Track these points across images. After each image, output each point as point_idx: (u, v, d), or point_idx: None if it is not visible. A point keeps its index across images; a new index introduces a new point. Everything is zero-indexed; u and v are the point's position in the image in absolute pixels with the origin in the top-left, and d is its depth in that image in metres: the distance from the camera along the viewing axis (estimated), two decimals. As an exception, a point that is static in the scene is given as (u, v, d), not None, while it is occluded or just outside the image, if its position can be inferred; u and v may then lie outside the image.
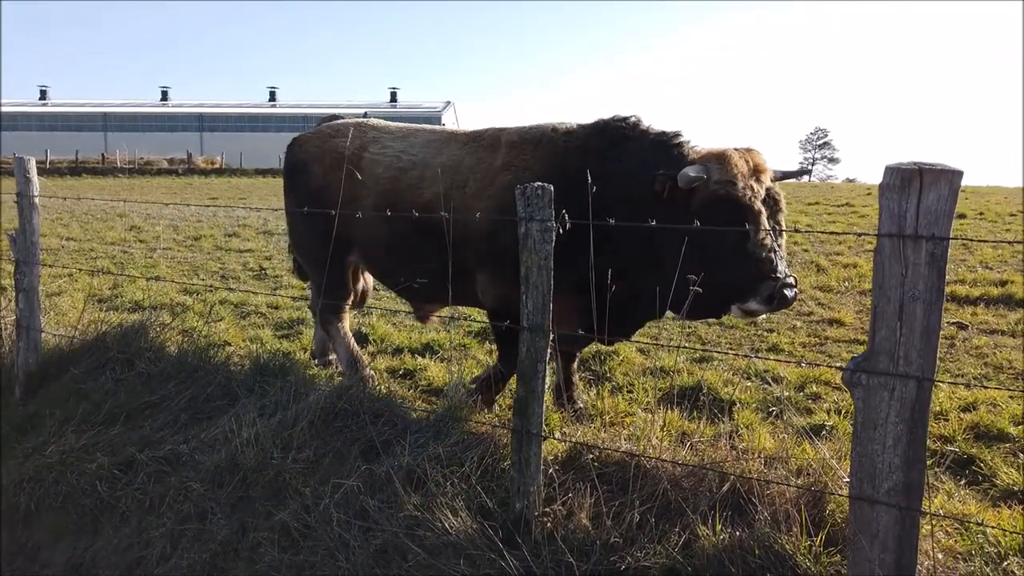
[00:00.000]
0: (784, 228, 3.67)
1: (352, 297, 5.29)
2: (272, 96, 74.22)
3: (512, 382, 3.75)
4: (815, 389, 4.89)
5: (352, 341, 5.22)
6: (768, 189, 3.63)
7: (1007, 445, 4.04)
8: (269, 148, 52.63)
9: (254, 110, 68.53)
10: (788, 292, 3.50)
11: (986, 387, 4.75)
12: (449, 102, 71.81)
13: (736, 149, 3.67)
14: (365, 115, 5.95)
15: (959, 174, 2.14)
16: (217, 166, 46.34)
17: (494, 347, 6.04)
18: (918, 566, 2.39)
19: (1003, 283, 7.91)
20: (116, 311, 6.61)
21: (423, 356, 5.79)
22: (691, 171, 3.55)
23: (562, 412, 4.18)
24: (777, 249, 3.55)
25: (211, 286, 8.33)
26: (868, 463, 2.31)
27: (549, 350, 2.95)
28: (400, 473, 3.27)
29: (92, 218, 16.06)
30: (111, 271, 9.35)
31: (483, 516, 2.98)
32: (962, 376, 5.22)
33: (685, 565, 2.60)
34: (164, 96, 75.06)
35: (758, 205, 3.55)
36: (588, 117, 4.25)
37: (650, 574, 2.61)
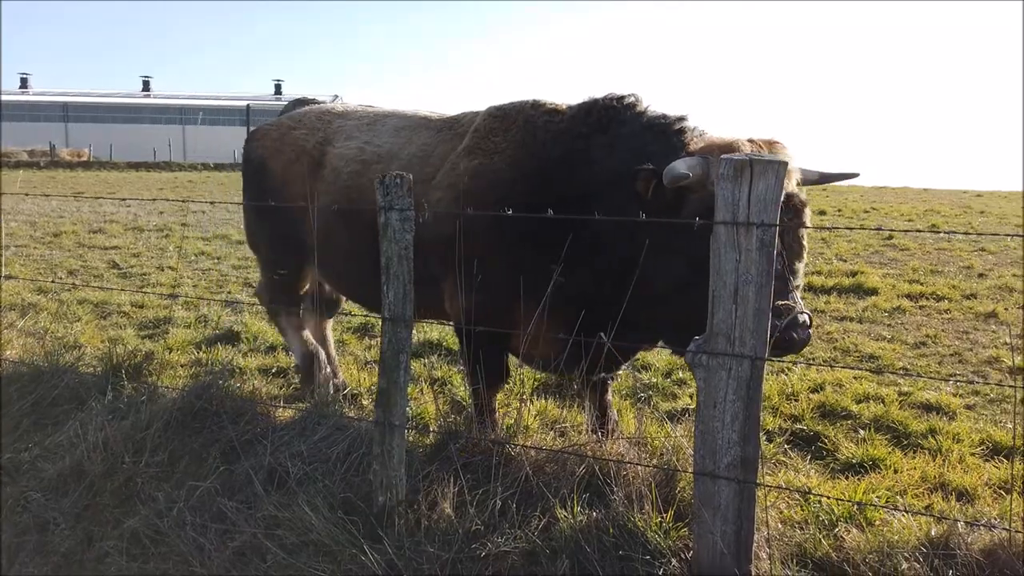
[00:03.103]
0: (803, 247, 2.96)
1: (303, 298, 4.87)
2: (146, 86, 70.03)
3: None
4: (681, 375, 5.10)
5: (308, 335, 4.81)
6: (790, 196, 2.83)
7: (849, 422, 4.35)
8: (143, 140, 49.88)
9: (126, 100, 64.44)
10: (797, 334, 2.70)
11: (832, 366, 5.11)
12: (336, 95, 70.23)
13: (752, 140, 2.97)
14: (296, 105, 5.16)
15: (784, 164, 2.28)
16: (84, 159, 43.30)
17: (373, 342, 5.97)
18: (757, 535, 2.54)
19: (854, 274, 8.52)
20: (-45, 313, 6.06)
21: (298, 353, 5.63)
22: (682, 165, 2.81)
23: (437, 403, 4.17)
24: (790, 276, 2.84)
25: (68, 284, 7.78)
26: (710, 440, 2.43)
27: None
28: (261, 473, 3.17)
29: (-65, 213, 14.67)
30: (-47, 270, 8.58)
31: (346, 511, 2.93)
32: (814, 359, 5.58)
33: (544, 548, 2.65)
34: (24, 83, 69.32)
35: None
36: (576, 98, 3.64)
37: (510, 559, 2.64)
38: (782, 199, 2.71)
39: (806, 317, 2.76)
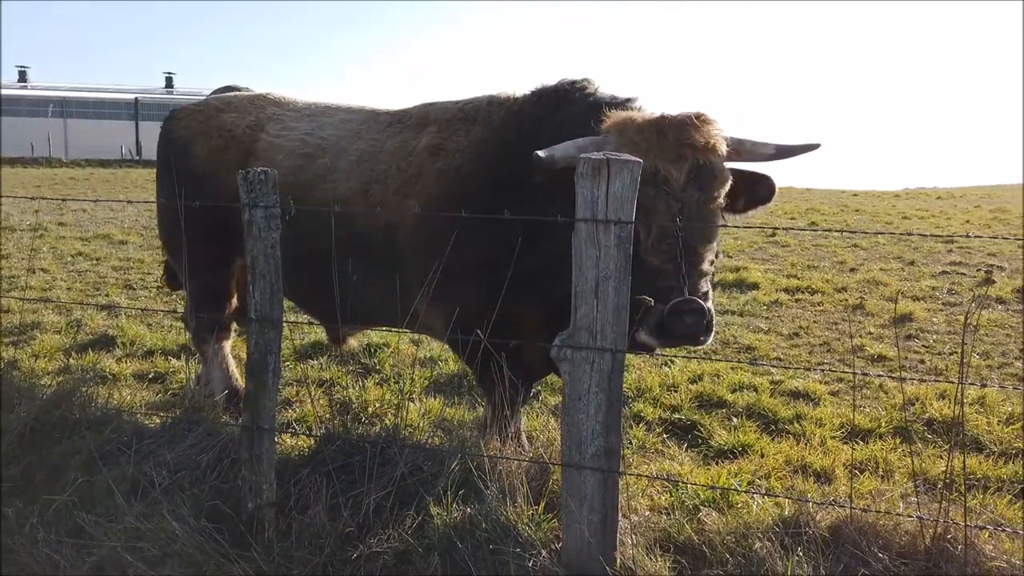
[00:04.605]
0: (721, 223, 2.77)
1: (234, 310, 4.39)
2: (22, 76, 65.39)
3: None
4: (569, 370, 5.19)
5: (232, 366, 4.43)
6: (700, 167, 2.71)
7: (724, 410, 4.55)
8: (18, 134, 46.44)
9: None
10: (681, 322, 2.52)
11: (711, 358, 5.33)
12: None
13: (664, 115, 2.82)
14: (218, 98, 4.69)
15: (639, 164, 2.36)
16: (-49, 154, 40.05)
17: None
18: (624, 522, 2.62)
19: (738, 269, 8.91)
20: None
21: (178, 358, 5.41)
22: (557, 151, 2.72)
23: (314, 405, 4.09)
24: (683, 259, 2.62)
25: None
26: (575, 431, 2.49)
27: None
28: (124, 484, 3.03)
29: None
30: None
31: (214, 520, 2.83)
32: (694, 352, 5.80)
33: (416, 546, 2.65)
34: None
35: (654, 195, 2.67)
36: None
37: (382, 559, 2.63)
38: (689, 170, 2.69)
39: (700, 303, 2.56)
